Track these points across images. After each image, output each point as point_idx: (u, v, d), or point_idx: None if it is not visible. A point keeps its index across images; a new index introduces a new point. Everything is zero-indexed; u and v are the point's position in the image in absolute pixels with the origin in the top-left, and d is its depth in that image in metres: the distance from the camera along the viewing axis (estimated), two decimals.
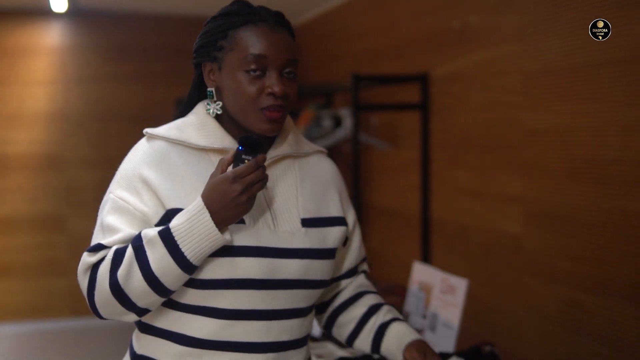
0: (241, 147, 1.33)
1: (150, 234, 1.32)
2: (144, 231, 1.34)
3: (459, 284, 2.33)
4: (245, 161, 1.31)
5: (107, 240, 1.38)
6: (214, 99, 1.47)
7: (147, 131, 1.48)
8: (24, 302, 5.42)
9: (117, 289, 1.33)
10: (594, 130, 2.41)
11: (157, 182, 1.39)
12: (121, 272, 1.33)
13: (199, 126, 1.46)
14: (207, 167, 1.42)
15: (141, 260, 1.31)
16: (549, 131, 2.63)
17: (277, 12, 1.46)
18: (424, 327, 2.44)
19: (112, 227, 1.38)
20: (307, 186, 1.53)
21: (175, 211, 1.36)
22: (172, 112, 4.33)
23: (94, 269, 1.37)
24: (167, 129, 1.47)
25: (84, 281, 1.39)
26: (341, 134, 4.12)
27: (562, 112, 2.56)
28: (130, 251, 1.33)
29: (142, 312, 1.38)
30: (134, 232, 1.37)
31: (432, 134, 3.51)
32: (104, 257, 1.37)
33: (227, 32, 1.43)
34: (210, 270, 1.36)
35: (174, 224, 1.31)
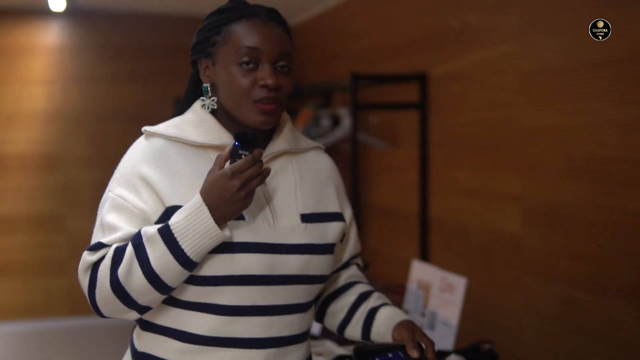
0: (237, 143, 1.33)
1: (149, 231, 1.32)
2: (143, 229, 1.34)
3: (458, 282, 2.34)
4: (242, 156, 1.31)
5: (107, 238, 1.37)
6: (209, 95, 1.48)
7: (145, 129, 1.47)
8: (23, 301, 5.42)
9: (118, 287, 1.33)
10: (593, 129, 2.41)
11: (156, 180, 1.39)
12: (122, 270, 1.32)
13: (197, 123, 1.46)
14: (206, 163, 1.42)
15: (141, 257, 1.31)
16: (548, 130, 2.63)
17: (271, 8, 1.47)
18: (423, 325, 2.44)
19: (111, 225, 1.38)
20: (306, 182, 1.53)
21: (174, 208, 1.36)
22: (170, 111, 4.33)
23: (95, 268, 1.37)
24: (165, 127, 1.47)
25: (84, 280, 1.39)
26: (340, 133, 4.12)
27: (560, 111, 2.56)
28: (130, 249, 1.33)
29: (143, 309, 1.38)
30: (133, 230, 1.37)
31: (430, 133, 3.51)
32: (104, 256, 1.36)
33: (220, 28, 1.44)
34: (210, 266, 1.36)
35: (174, 221, 1.31)
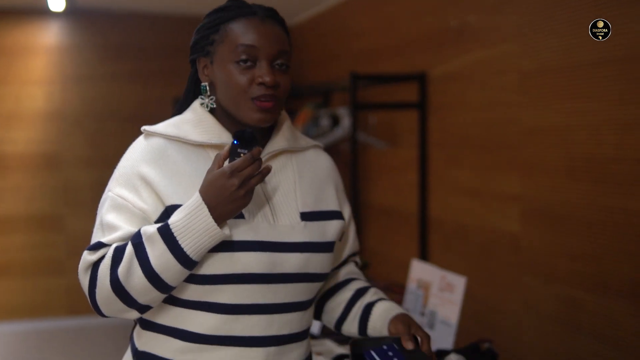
0: (236, 141, 1.33)
1: (149, 230, 1.32)
2: (143, 228, 1.34)
3: (458, 281, 2.34)
4: (241, 155, 1.31)
5: (107, 238, 1.37)
6: (208, 94, 1.48)
7: (144, 129, 1.48)
8: (22, 301, 5.42)
9: (118, 287, 1.33)
10: (592, 128, 2.41)
11: (156, 179, 1.39)
12: (121, 270, 1.33)
13: (196, 122, 1.47)
14: (206, 162, 1.42)
15: (141, 257, 1.31)
16: (547, 130, 2.63)
17: (269, 7, 1.47)
18: (422, 324, 2.44)
19: (111, 225, 1.38)
20: (306, 180, 1.53)
21: (174, 207, 1.36)
22: (169, 111, 4.33)
23: (95, 267, 1.37)
24: (164, 126, 1.48)
25: (84, 280, 1.39)
26: (339, 133, 4.12)
27: (560, 111, 2.57)
28: (130, 248, 1.33)
29: (143, 308, 1.38)
30: (133, 230, 1.37)
31: (430, 133, 3.51)
32: (104, 255, 1.37)
33: (218, 27, 1.44)
34: (210, 265, 1.36)
35: (173, 220, 1.31)
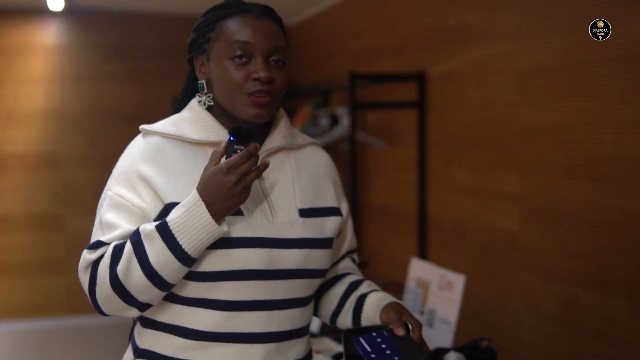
0: (232, 138, 1.33)
1: (148, 228, 1.33)
2: (141, 226, 1.34)
3: (457, 279, 2.34)
4: (237, 151, 1.31)
5: (106, 237, 1.38)
6: (205, 91, 1.49)
7: (143, 127, 1.48)
8: (21, 300, 5.42)
9: (117, 285, 1.34)
10: (590, 127, 2.42)
11: (155, 178, 1.39)
12: (121, 268, 1.33)
13: (194, 120, 1.47)
14: (204, 160, 1.43)
15: (140, 255, 1.32)
16: (546, 129, 2.64)
17: (265, 5, 1.48)
18: (422, 323, 2.45)
19: (110, 223, 1.39)
20: (304, 177, 1.54)
21: (173, 205, 1.37)
22: (168, 111, 4.31)
23: (95, 266, 1.38)
24: (162, 125, 1.48)
25: (84, 278, 1.40)
26: (338, 132, 4.12)
27: (558, 110, 2.57)
28: (128, 246, 1.33)
29: (143, 307, 1.38)
30: (132, 228, 1.37)
31: (429, 132, 3.52)
32: (104, 254, 1.37)
33: (214, 24, 1.45)
34: (210, 262, 1.37)
35: (171, 217, 1.32)
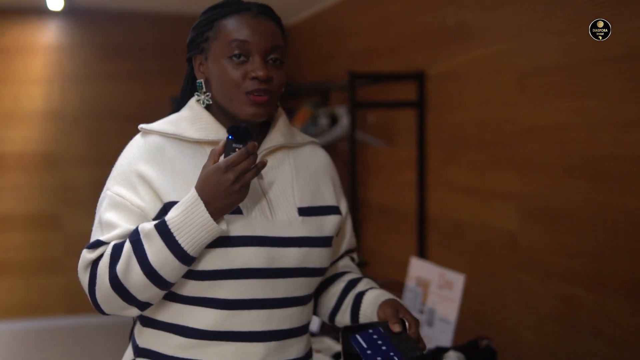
0: (231, 136, 1.33)
1: (147, 227, 1.33)
2: (140, 225, 1.35)
3: (456, 279, 2.34)
4: (236, 150, 1.31)
5: (106, 236, 1.38)
6: (204, 90, 1.49)
7: (142, 127, 1.49)
8: (20, 300, 5.42)
9: (117, 284, 1.34)
10: (590, 127, 2.42)
11: (154, 177, 1.40)
12: (120, 267, 1.33)
13: (193, 119, 1.47)
14: (203, 159, 1.43)
15: (139, 254, 1.32)
16: (545, 128, 2.64)
17: (263, 4, 1.48)
18: (421, 322, 2.45)
19: (110, 223, 1.39)
20: (303, 176, 1.54)
21: (172, 204, 1.37)
22: (167, 111, 4.31)
23: (94, 265, 1.38)
24: (161, 124, 1.48)
25: (84, 278, 1.40)
26: (337, 132, 4.12)
27: (557, 109, 2.57)
28: (128, 246, 1.33)
29: (143, 305, 1.38)
30: (132, 228, 1.37)
31: (428, 131, 3.52)
32: (103, 253, 1.37)
33: (212, 23, 1.46)
34: (209, 260, 1.37)
35: (170, 216, 1.32)
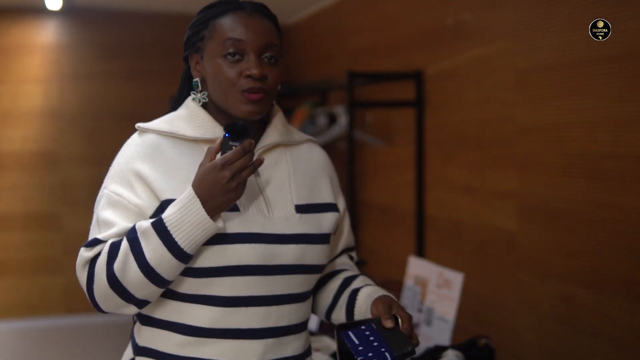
0: (228, 134, 1.34)
1: (144, 225, 1.33)
2: (138, 223, 1.35)
3: (455, 277, 2.35)
4: (232, 148, 1.32)
5: (103, 234, 1.39)
6: (200, 89, 1.50)
7: (139, 125, 1.49)
8: (19, 299, 5.41)
9: (114, 282, 1.34)
10: (590, 126, 2.42)
11: (151, 175, 1.40)
12: (117, 265, 1.34)
13: (190, 118, 1.48)
14: (200, 157, 1.43)
15: (136, 251, 1.32)
16: (543, 128, 2.64)
17: (258, 3, 1.49)
18: (420, 321, 2.45)
19: (107, 221, 1.39)
20: (300, 173, 1.55)
21: (169, 202, 1.37)
22: (166, 110, 4.31)
23: (92, 264, 1.38)
24: (158, 123, 1.49)
25: (82, 276, 1.40)
26: (336, 131, 4.12)
27: (556, 108, 2.58)
28: (125, 244, 1.34)
29: (141, 303, 1.39)
30: (129, 226, 1.38)
31: (426, 131, 3.52)
32: (101, 252, 1.38)
33: (208, 22, 1.47)
34: (206, 258, 1.37)
35: (167, 214, 1.32)
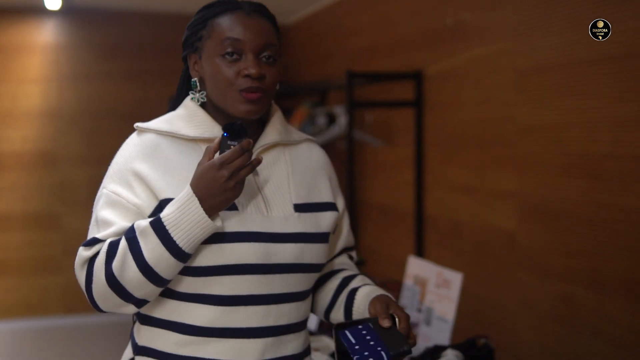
0: (226, 134, 1.34)
1: (142, 224, 1.33)
2: (136, 222, 1.35)
3: (454, 277, 2.35)
4: (231, 147, 1.32)
5: (102, 233, 1.39)
6: (198, 89, 1.50)
7: (137, 125, 1.50)
8: (18, 299, 5.41)
9: (113, 281, 1.34)
10: (587, 126, 2.42)
11: (149, 174, 1.40)
12: (116, 264, 1.34)
13: (189, 118, 1.48)
14: (198, 157, 1.44)
15: (135, 251, 1.32)
16: (543, 127, 2.64)
17: (257, 2, 1.49)
18: (419, 320, 2.45)
19: (106, 220, 1.39)
20: (299, 173, 1.55)
21: (168, 201, 1.37)
22: (165, 110, 4.32)
23: (91, 263, 1.38)
24: (157, 122, 1.50)
25: (81, 275, 1.40)
26: (335, 131, 4.12)
27: (555, 108, 2.58)
28: (123, 243, 1.34)
29: (140, 303, 1.39)
30: (127, 225, 1.38)
31: (426, 131, 3.52)
32: (99, 251, 1.38)
33: (206, 22, 1.47)
34: (204, 257, 1.37)
35: (165, 213, 1.32)
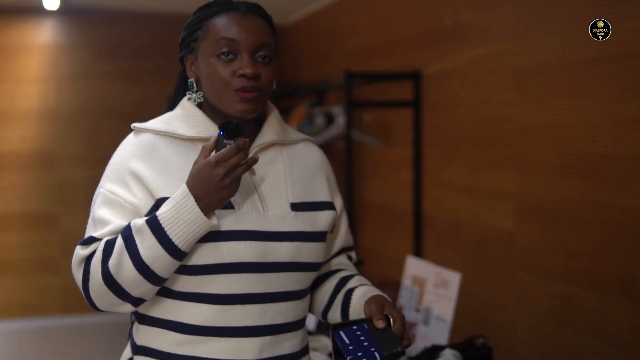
0: (222, 133, 1.35)
1: (138, 223, 1.34)
2: (133, 221, 1.36)
3: (453, 277, 2.35)
4: (227, 146, 1.33)
5: (99, 232, 1.39)
6: (195, 89, 1.51)
7: (134, 125, 1.50)
8: (16, 299, 5.40)
9: (109, 279, 1.35)
10: (586, 126, 2.42)
11: (146, 174, 1.41)
12: (112, 262, 1.34)
13: (185, 118, 1.49)
14: (195, 156, 1.44)
15: (131, 249, 1.33)
16: (542, 127, 2.64)
17: (252, 3, 1.50)
18: (417, 320, 2.45)
19: (103, 219, 1.40)
20: (296, 172, 1.55)
21: (164, 200, 1.38)
22: (164, 110, 4.32)
23: (87, 262, 1.39)
24: (154, 122, 1.50)
25: (78, 274, 1.40)
26: (334, 131, 4.12)
27: (554, 108, 2.58)
28: (120, 241, 1.34)
29: (137, 301, 1.39)
30: (124, 224, 1.38)
31: (424, 131, 3.52)
32: (96, 250, 1.38)
33: (202, 23, 1.48)
34: (201, 255, 1.38)
35: (161, 211, 1.33)
